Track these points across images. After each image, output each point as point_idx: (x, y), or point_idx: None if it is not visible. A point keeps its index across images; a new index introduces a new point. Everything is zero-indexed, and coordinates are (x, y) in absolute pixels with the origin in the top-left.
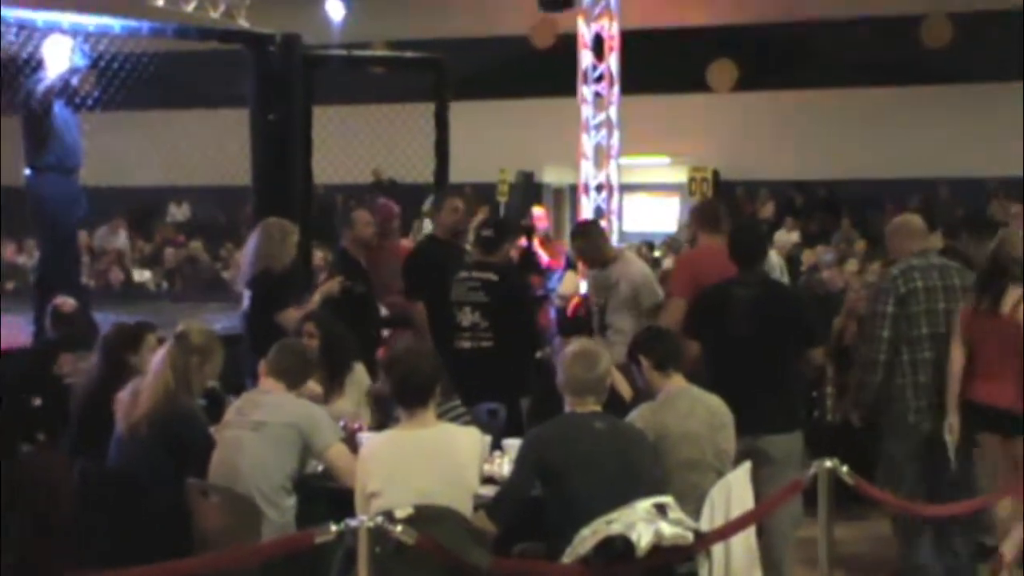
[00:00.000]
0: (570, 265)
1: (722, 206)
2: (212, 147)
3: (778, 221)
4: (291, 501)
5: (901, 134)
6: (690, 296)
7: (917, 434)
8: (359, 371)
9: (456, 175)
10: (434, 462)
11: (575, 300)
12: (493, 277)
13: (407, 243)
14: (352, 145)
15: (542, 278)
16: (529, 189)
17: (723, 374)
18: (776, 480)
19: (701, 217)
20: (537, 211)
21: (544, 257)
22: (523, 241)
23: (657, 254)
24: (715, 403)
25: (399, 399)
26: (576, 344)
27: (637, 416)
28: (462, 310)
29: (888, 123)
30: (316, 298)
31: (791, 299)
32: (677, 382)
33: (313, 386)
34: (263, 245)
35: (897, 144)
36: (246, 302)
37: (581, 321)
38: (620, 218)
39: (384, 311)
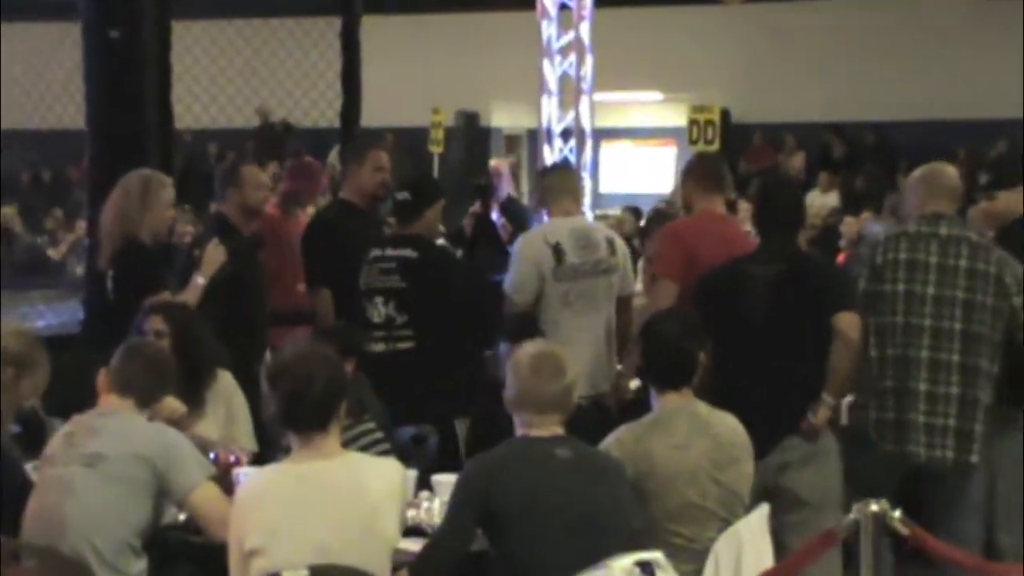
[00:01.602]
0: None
1: (723, 161)
2: (30, 75)
3: (809, 178)
4: (140, 565)
5: (977, 60)
6: (682, 278)
7: (886, 459)
8: (225, 382)
9: (372, 117)
10: (337, 506)
11: None
12: (411, 254)
13: (303, 214)
14: (229, 75)
15: (505, 256)
16: (473, 136)
17: (735, 384)
18: (805, 529)
19: (696, 174)
20: (497, 164)
21: (508, 228)
22: (477, 206)
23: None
24: (726, 427)
25: (288, 421)
26: (533, 345)
27: (614, 442)
28: (373, 301)
29: (960, 45)
30: (199, 281)
31: (830, 278)
32: (675, 398)
33: (173, 404)
34: (122, 207)
35: (972, 74)
36: (110, 286)
37: (527, 320)
38: (595, 175)
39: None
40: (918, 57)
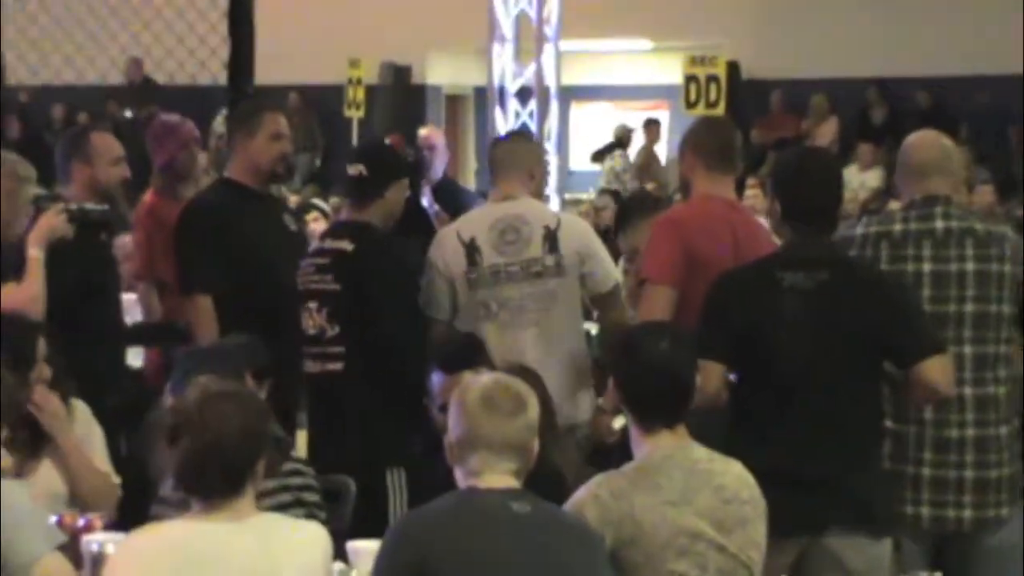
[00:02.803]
0: None
1: (734, 129)
2: None
3: (845, 150)
4: None
5: None
6: (679, 283)
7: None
8: (79, 414)
9: (270, 71)
10: None
11: None
12: (347, 247)
13: (151, 198)
14: (78, 15)
15: None
16: (403, 96)
17: (757, 424)
18: None
19: (699, 146)
20: (430, 133)
21: (443, 217)
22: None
23: None
24: (732, 476)
25: (190, 488)
26: (488, 376)
27: (589, 499)
28: (307, 307)
29: None
30: (34, 253)
31: (877, 283)
32: (667, 440)
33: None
34: None
35: None
36: None
37: (464, 342)
38: (562, 148)
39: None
40: None
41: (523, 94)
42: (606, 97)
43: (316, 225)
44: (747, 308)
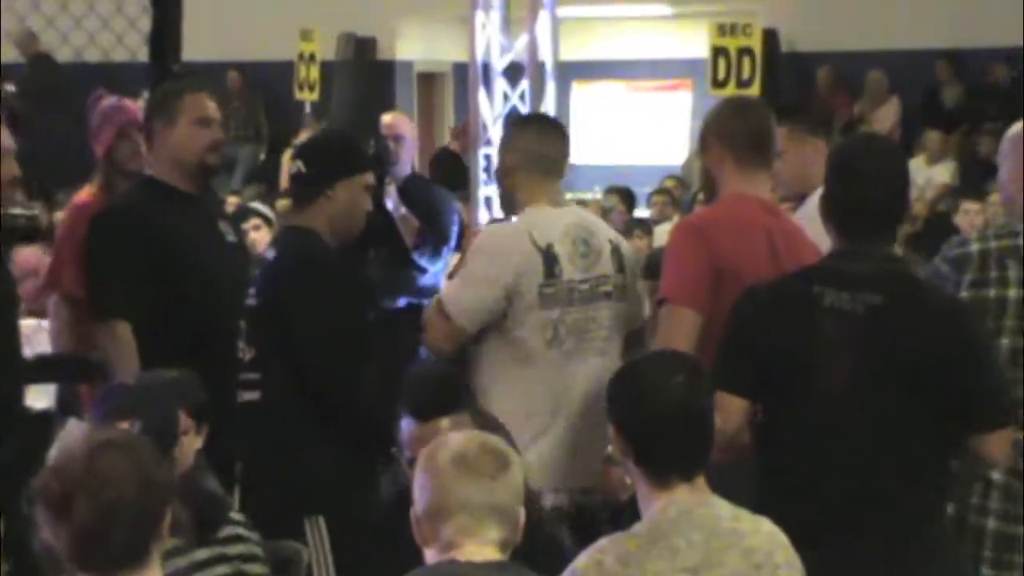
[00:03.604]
0: (460, 239)
1: (770, 113)
2: None
3: (908, 139)
4: None
5: None
6: (707, 305)
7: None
8: None
9: (203, 46)
10: None
11: None
12: (269, 255)
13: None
14: None
15: (410, 267)
16: (366, 75)
17: (795, 473)
18: None
19: (727, 134)
20: (393, 119)
21: (412, 223)
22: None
23: (645, 215)
24: (762, 537)
25: (82, 564)
26: (460, 435)
27: (590, 565)
28: (242, 329)
29: None
30: None
31: (951, 318)
32: (684, 494)
33: None
34: None
35: None
36: None
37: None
38: None
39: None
40: None
41: (513, 72)
42: (615, 75)
43: (257, 234)
44: (775, 331)
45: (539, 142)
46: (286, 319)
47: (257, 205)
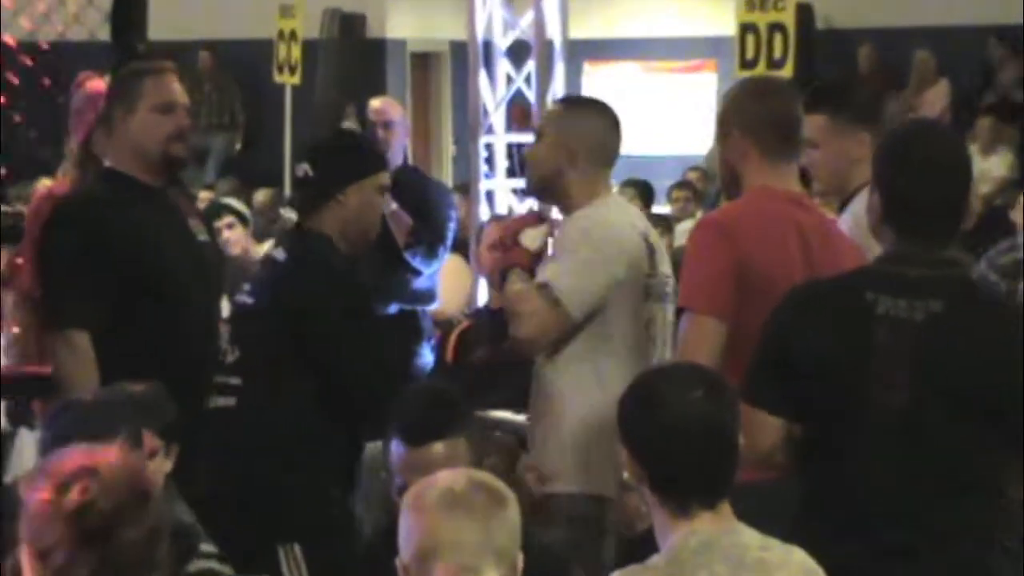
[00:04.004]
0: (456, 237)
1: (797, 96)
2: None
3: (959, 125)
4: None
5: None
6: (733, 313)
7: None
8: None
9: (171, 24)
10: None
11: (462, 326)
12: (279, 257)
13: (52, 184)
14: None
15: (402, 269)
16: (354, 55)
17: (839, 505)
18: None
19: (750, 120)
20: (383, 104)
21: (404, 220)
22: None
23: (665, 211)
24: (795, 569)
25: None
26: (449, 472)
27: None
28: (220, 336)
29: None
30: None
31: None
32: (706, 523)
33: None
34: None
35: None
36: None
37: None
38: None
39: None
40: None
41: (517, 51)
42: (630, 55)
43: (231, 233)
44: (819, 341)
45: (603, 128)
46: (298, 324)
47: (231, 201)
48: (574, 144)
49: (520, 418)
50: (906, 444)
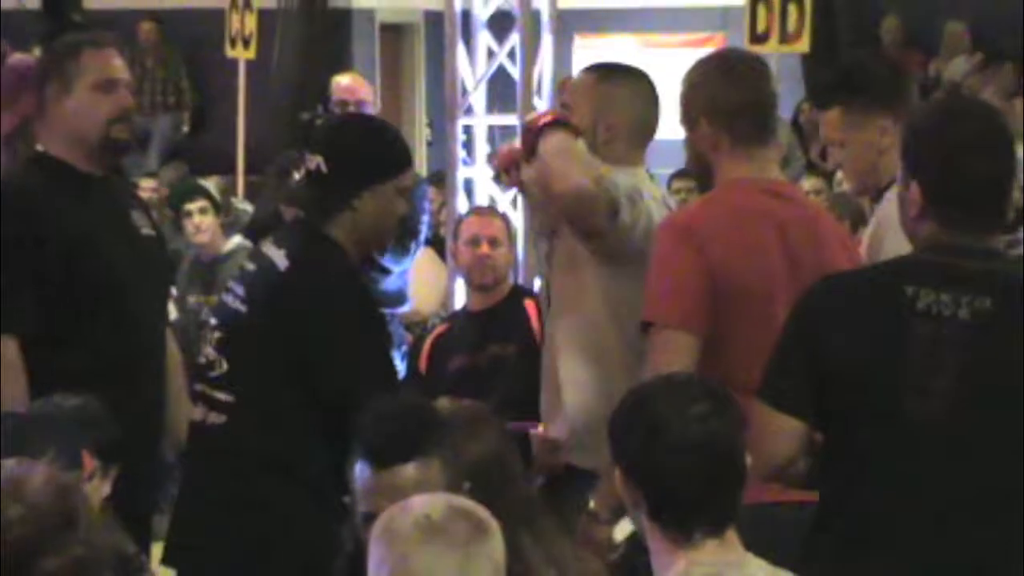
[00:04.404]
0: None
1: (766, 72)
2: None
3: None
4: None
5: None
6: (703, 322)
7: None
8: None
9: None
10: None
11: (437, 331)
12: (280, 262)
13: None
14: None
15: (368, 267)
16: (317, 26)
17: (867, 524)
18: None
19: (715, 107)
20: (352, 82)
21: None
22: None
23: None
24: None
25: None
26: (425, 497)
27: None
28: (208, 327)
29: None
30: None
31: None
32: (711, 552)
33: None
34: None
35: None
36: None
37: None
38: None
39: None
40: None
41: (499, 23)
42: (626, 28)
43: (202, 219)
44: (850, 338)
45: (642, 101)
46: (305, 347)
47: (206, 183)
48: (616, 120)
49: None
50: (947, 457)
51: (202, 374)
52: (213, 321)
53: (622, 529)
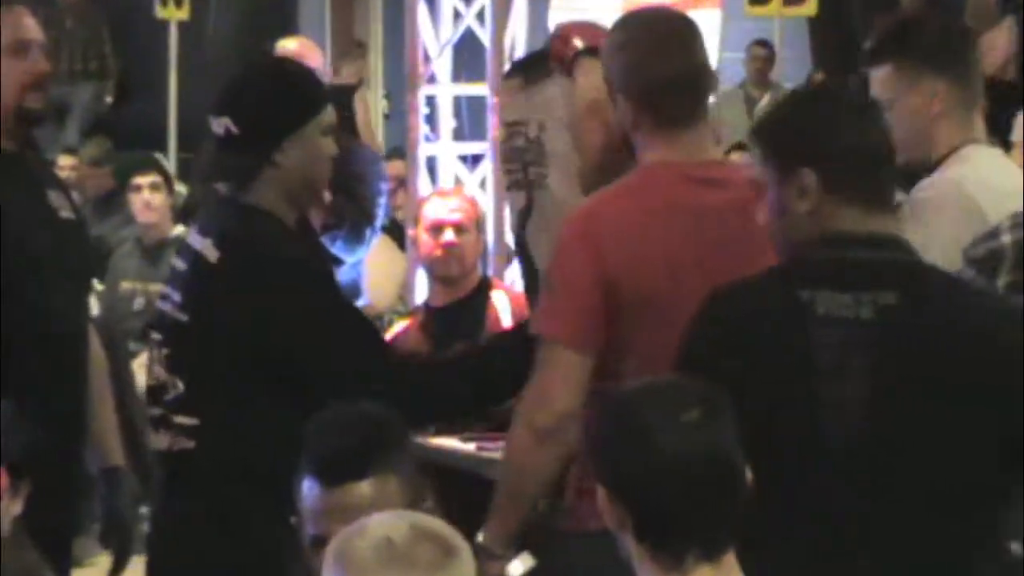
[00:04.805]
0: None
1: (699, 36)
2: None
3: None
4: None
5: None
6: (595, 338)
7: None
8: None
9: None
10: None
11: (396, 327)
12: (209, 252)
13: None
14: None
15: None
16: None
17: (795, 552)
18: None
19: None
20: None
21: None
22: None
23: None
24: None
25: None
26: (387, 515)
27: None
28: (150, 342)
29: None
30: None
31: (1012, 336)
32: None
33: None
34: None
35: None
36: None
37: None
38: None
39: None
40: None
41: None
42: None
43: (153, 196)
44: (748, 355)
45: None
46: (257, 344)
47: (160, 157)
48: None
49: (468, 447)
50: (871, 477)
51: (156, 397)
52: (156, 336)
53: (517, 566)
